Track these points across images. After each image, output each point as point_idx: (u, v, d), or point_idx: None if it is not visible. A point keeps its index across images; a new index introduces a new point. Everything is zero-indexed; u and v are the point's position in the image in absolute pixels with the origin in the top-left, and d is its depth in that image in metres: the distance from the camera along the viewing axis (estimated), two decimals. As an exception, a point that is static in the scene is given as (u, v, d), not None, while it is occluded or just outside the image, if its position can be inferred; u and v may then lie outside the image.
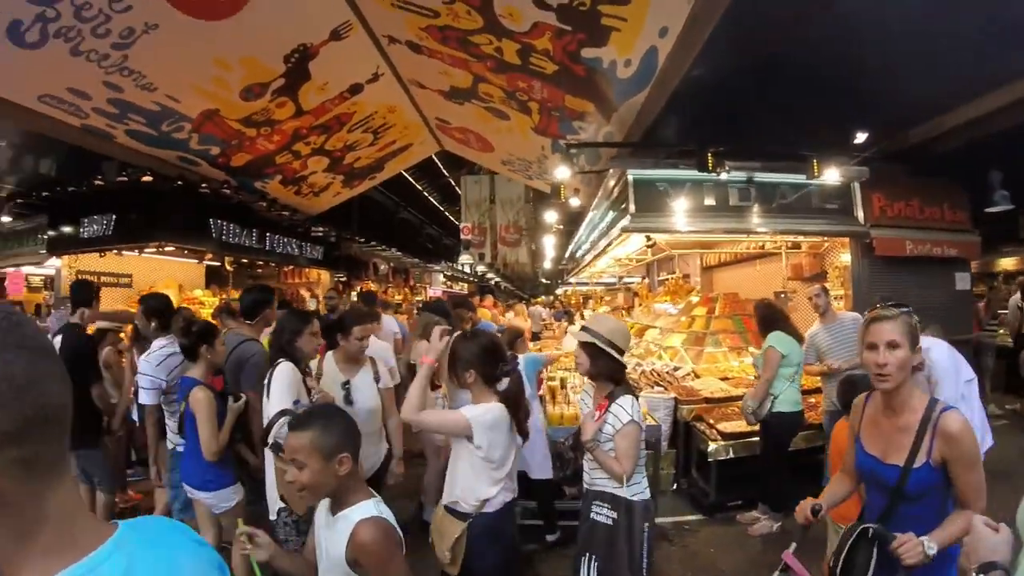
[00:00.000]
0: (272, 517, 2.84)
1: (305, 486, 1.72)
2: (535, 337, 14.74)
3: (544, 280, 29.28)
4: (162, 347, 3.85)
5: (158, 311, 4.13)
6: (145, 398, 3.77)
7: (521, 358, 5.80)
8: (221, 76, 5.68)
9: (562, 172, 6.11)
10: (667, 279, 12.46)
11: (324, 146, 8.10)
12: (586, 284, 20.00)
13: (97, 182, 7.29)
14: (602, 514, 2.70)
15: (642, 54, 4.68)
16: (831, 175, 5.89)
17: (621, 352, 2.72)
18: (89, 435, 4.25)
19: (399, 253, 18.48)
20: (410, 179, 17.75)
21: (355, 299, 11.12)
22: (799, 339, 4.59)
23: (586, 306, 17.53)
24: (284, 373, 2.94)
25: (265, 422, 2.86)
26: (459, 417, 2.39)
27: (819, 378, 5.10)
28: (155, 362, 3.77)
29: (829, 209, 6.50)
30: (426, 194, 22.04)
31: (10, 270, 10.06)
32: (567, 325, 11.43)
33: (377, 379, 3.58)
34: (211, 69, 5.54)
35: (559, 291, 25.54)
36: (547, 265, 19.97)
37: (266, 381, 2.98)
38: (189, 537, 0.89)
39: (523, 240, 20.97)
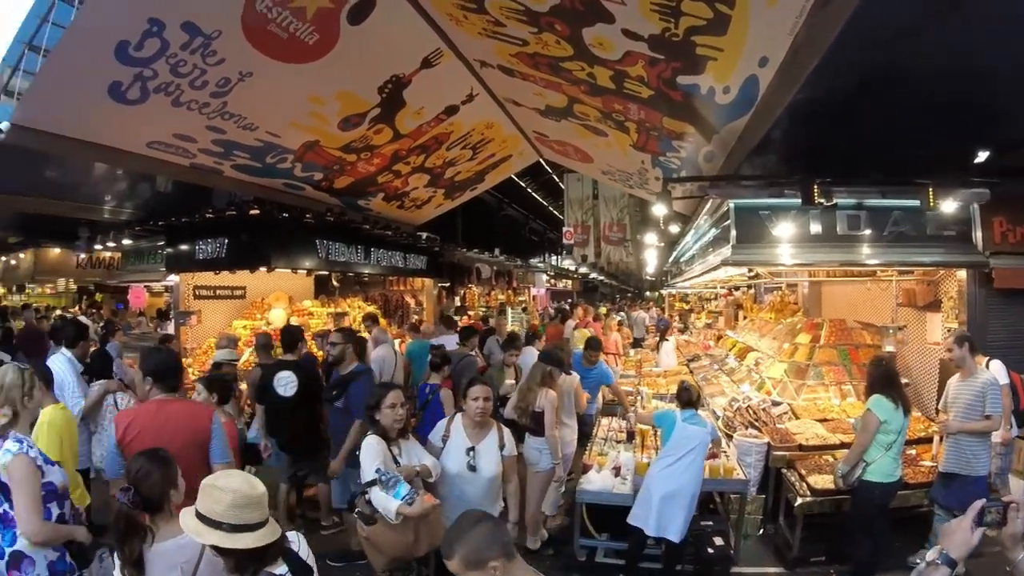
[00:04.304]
0: None
1: None
2: (637, 344, 14.49)
3: (649, 277, 28.59)
4: None
5: None
6: None
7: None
8: (318, 111, 5.93)
9: (659, 209, 5.95)
10: (775, 289, 11.74)
11: (424, 164, 8.31)
12: (690, 290, 19.29)
13: (208, 215, 7.88)
14: None
15: (741, 82, 4.43)
16: (948, 204, 5.28)
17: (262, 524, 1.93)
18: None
19: (502, 257, 18.76)
20: (514, 177, 17.97)
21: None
22: (906, 406, 4.17)
23: (687, 319, 16.95)
24: (370, 447, 3.08)
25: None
26: None
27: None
28: None
29: (945, 236, 5.83)
30: (529, 191, 22.20)
31: (133, 286, 11.55)
32: (658, 340, 11.06)
33: (502, 446, 3.51)
34: (307, 106, 5.80)
35: (664, 291, 24.82)
36: (650, 269, 19.46)
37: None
38: None
39: (627, 239, 20.62)
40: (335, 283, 11.73)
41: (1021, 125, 5.25)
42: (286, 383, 5.05)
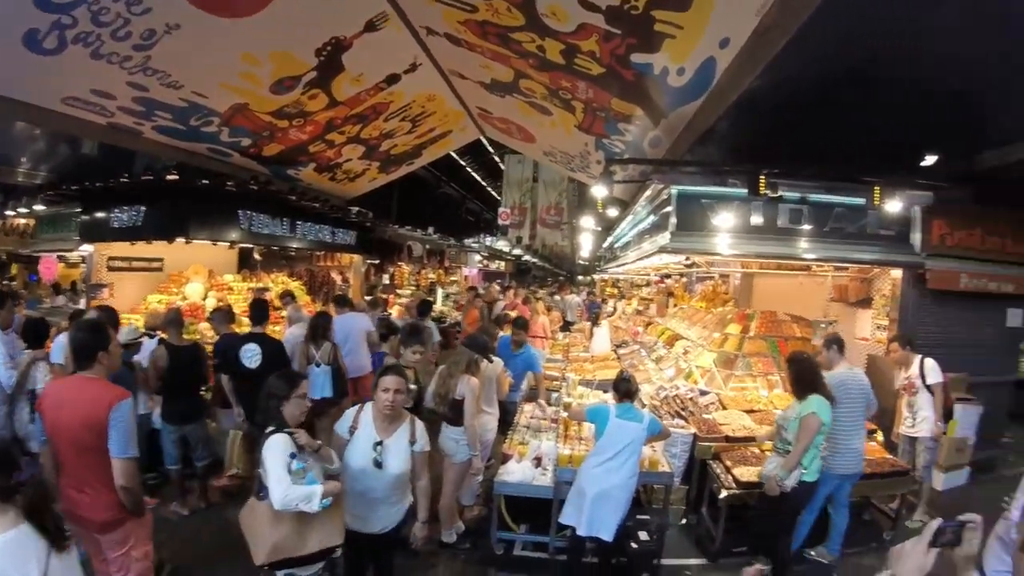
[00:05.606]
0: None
1: None
2: (566, 327, 14.40)
3: (582, 262, 28.83)
4: None
5: None
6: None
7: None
8: (250, 71, 5.56)
9: (600, 191, 5.81)
10: (706, 278, 11.96)
11: (359, 135, 7.94)
12: (622, 275, 19.52)
13: (123, 180, 7.35)
14: None
15: (698, 64, 4.31)
16: (892, 204, 5.43)
17: None
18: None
19: (435, 235, 18.31)
20: (453, 155, 17.53)
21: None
22: (832, 400, 4.18)
23: (617, 305, 17.08)
24: (277, 446, 2.69)
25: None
26: None
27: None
28: None
29: (884, 235, 6.02)
30: (469, 170, 21.79)
31: (44, 255, 10.43)
32: (591, 326, 10.95)
33: (413, 441, 3.19)
34: (239, 65, 5.42)
35: (596, 276, 25.07)
36: (584, 254, 19.57)
37: (258, 455, 2.75)
38: None
39: (563, 222, 20.62)
40: (257, 256, 11.04)
41: (973, 135, 5.46)
42: (252, 355, 5.07)
